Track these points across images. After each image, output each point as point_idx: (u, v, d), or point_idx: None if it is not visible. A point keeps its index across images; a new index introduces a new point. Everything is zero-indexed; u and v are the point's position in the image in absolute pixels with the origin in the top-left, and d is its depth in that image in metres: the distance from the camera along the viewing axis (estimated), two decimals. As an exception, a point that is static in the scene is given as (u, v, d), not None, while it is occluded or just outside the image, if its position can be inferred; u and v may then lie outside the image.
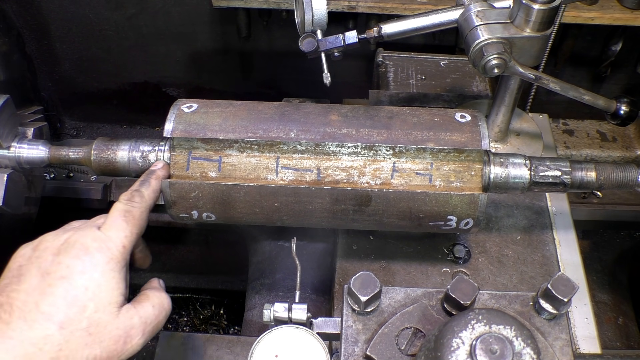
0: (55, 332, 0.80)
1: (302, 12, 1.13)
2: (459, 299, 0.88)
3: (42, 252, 0.88)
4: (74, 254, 0.86)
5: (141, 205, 0.96)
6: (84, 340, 0.82)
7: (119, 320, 0.86)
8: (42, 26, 2.11)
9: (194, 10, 2.05)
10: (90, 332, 0.83)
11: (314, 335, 0.94)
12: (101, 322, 0.84)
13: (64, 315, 0.82)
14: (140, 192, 0.98)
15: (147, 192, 1.00)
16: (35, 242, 0.91)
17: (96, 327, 0.83)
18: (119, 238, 0.90)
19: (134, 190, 0.99)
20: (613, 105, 1.31)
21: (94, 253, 0.87)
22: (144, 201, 0.98)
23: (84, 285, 0.84)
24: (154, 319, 0.92)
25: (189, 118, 1.08)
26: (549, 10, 1.11)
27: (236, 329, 2.48)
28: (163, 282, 1.03)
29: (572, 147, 2.16)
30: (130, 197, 0.97)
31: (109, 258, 0.88)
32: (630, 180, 1.12)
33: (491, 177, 1.06)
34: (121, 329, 0.85)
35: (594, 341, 1.22)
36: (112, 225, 0.91)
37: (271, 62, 2.25)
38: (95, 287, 0.85)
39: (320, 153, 1.06)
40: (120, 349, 0.85)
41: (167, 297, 0.98)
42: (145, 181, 1.02)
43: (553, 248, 1.30)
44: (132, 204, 0.96)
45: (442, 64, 1.77)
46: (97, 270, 0.86)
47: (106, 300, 0.85)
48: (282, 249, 1.87)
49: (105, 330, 0.84)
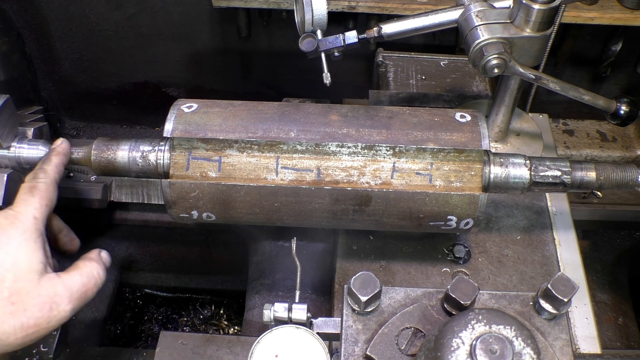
0: None
1: (302, 12, 1.14)
2: (459, 299, 0.88)
3: None
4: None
5: (45, 179, 0.99)
6: (8, 310, 0.84)
7: (40, 288, 0.87)
8: (42, 26, 2.11)
9: (194, 10, 2.05)
10: (12, 301, 0.85)
11: (314, 335, 0.94)
12: (22, 291, 0.86)
13: None
14: (42, 169, 1.01)
15: (49, 167, 1.02)
16: None
17: (18, 295, 0.85)
18: (28, 211, 0.92)
19: (37, 169, 1.02)
20: (613, 105, 1.31)
21: (6, 228, 0.89)
22: (47, 176, 1.00)
23: (1, 259, 0.86)
24: (81, 287, 0.93)
25: (189, 118, 1.08)
26: (549, 10, 1.11)
27: (236, 329, 2.48)
28: (106, 253, 1.03)
29: (572, 147, 2.16)
30: (34, 176, 1.00)
31: (22, 230, 0.90)
32: (630, 180, 1.12)
33: (491, 177, 1.06)
34: (44, 296, 0.87)
35: (594, 341, 1.22)
36: (19, 201, 0.94)
37: (271, 62, 2.25)
38: (12, 258, 0.87)
39: (320, 153, 1.06)
40: (46, 315, 0.87)
41: (99, 266, 0.98)
42: (46, 159, 1.05)
43: (553, 248, 1.30)
44: (35, 180, 0.99)
45: (442, 64, 1.77)
46: (11, 244, 0.88)
47: (25, 269, 0.87)
48: (282, 249, 1.87)
49: (27, 297, 0.86)
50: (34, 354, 1.44)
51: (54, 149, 1.08)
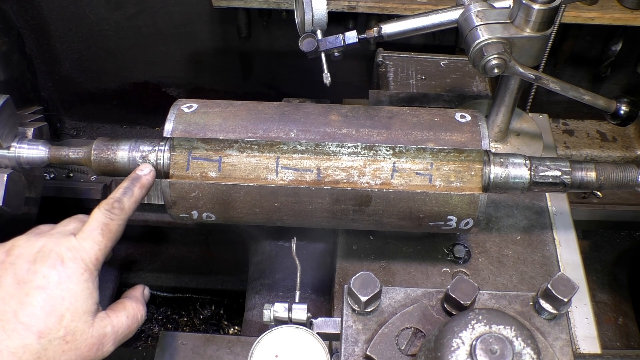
0: (33, 342, 0.84)
1: (302, 12, 1.14)
2: (459, 299, 0.88)
3: (16, 259, 0.90)
4: (49, 263, 0.88)
5: (120, 217, 0.97)
6: (61, 348, 0.86)
7: (93, 329, 0.89)
8: (42, 26, 2.11)
9: (194, 10, 2.05)
10: (67, 340, 0.86)
11: (314, 335, 0.94)
12: (77, 331, 0.87)
13: (42, 325, 0.85)
14: (121, 203, 0.98)
15: (129, 203, 0.99)
16: (7, 245, 0.93)
17: (72, 335, 0.87)
18: (93, 250, 0.92)
19: (116, 200, 0.97)
20: (613, 105, 1.31)
21: (68, 263, 0.89)
22: (123, 212, 0.97)
23: (61, 296, 0.87)
24: (125, 329, 0.95)
25: (189, 118, 1.08)
26: (549, 10, 1.11)
27: (236, 329, 2.48)
28: (148, 290, 1.04)
29: (572, 147, 2.16)
30: (110, 208, 0.96)
31: (83, 269, 0.90)
32: (630, 180, 1.12)
33: (491, 177, 1.06)
34: (95, 337, 0.89)
35: (594, 341, 1.22)
36: (88, 237, 0.93)
37: (271, 62, 2.25)
38: (72, 297, 0.88)
39: (320, 153, 1.06)
40: (93, 356, 0.89)
41: (143, 308, 1.00)
42: (129, 190, 1.00)
43: (553, 248, 1.30)
44: (111, 215, 0.96)
45: (442, 64, 1.77)
46: (72, 281, 0.88)
47: (82, 310, 0.88)
48: (282, 249, 1.87)
49: (81, 338, 0.88)
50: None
51: (139, 179, 1.02)
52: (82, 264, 0.90)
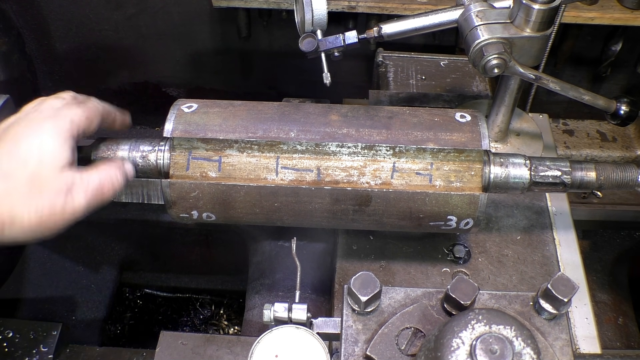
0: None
1: (302, 12, 1.14)
2: (459, 299, 0.88)
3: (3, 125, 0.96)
4: (23, 123, 0.93)
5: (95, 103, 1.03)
6: (24, 191, 0.88)
7: (59, 177, 0.91)
8: (42, 26, 2.11)
9: (194, 10, 2.05)
10: (30, 184, 0.88)
11: (314, 335, 0.94)
12: (43, 175, 0.89)
13: (6, 167, 0.88)
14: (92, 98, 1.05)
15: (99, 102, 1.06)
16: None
17: (37, 180, 0.89)
18: (68, 114, 0.96)
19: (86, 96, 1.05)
20: (613, 105, 1.31)
21: (42, 121, 0.93)
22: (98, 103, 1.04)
23: (28, 144, 0.90)
24: (97, 184, 0.96)
25: (189, 118, 1.08)
26: (549, 10, 1.11)
27: (236, 329, 2.48)
28: (132, 168, 1.05)
29: (572, 147, 2.16)
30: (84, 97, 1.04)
31: (56, 126, 0.93)
32: (630, 180, 1.12)
33: (491, 177, 1.06)
34: (62, 183, 0.91)
35: (594, 341, 1.22)
36: (65, 106, 0.98)
37: (271, 62, 2.25)
38: (39, 146, 0.90)
39: (320, 153, 1.06)
40: (61, 202, 0.90)
41: (119, 172, 1.01)
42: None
43: (553, 248, 1.30)
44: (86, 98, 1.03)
45: (442, 64, 1.77)
46: (43, 134, 0.91)
47: (49, 159, 0.91)
48: (282, 249, 1.87)
49: (45, 183, 0.89)
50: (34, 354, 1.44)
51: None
52: (55, 121, 0.93)
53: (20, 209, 0.87)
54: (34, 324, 1.50)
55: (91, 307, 2.09)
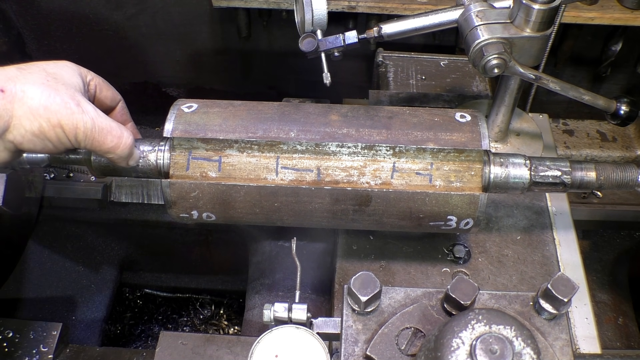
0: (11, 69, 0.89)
1: (302, 12, 1.14)
2: (459, 299, 0.88)
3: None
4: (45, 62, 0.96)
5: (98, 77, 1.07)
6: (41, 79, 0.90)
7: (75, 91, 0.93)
8: (42, 26, 2.11)
9: (194, 10, 2.05)
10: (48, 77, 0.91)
11: (314, 335, 0.94)
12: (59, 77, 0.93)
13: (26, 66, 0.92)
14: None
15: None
16: None
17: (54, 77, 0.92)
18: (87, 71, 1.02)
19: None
20: (613, 105, 1.31)
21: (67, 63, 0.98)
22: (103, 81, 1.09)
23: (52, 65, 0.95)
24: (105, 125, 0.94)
25: (189, 118, 1.08)
26: (549, 10, 1.11)
27: (236, 329, 2.48)
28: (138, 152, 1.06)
29: (572, 147, 2.16)
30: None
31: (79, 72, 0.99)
32: (630, 180, 1.12)
33: (491, 177, 1.06)
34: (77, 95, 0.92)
35: (594, 341, 1.22)
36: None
37: (271, 62, 2.25)
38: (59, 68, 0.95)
39: (320, 153, 1.06)
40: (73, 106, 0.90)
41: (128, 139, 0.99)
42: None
43: (553, 248, 1.30)
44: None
45: (442, 64, 1.77)
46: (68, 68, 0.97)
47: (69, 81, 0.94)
48: (282, 249, 1.87)
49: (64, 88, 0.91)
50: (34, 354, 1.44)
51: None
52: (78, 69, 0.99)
53: (34, 89, 0.87)
54: (34, 324, 1.50)
55: (91, 307, 2.09)
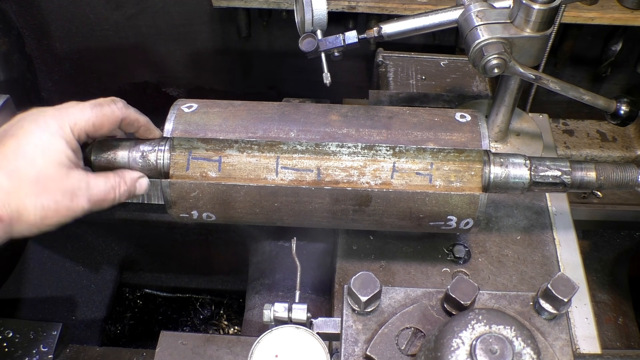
0: (4, 180, 0.87)
1: (302, 12, 1.14)
2: (459, 299, 0.88)
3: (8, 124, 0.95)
4: (30, 119, 0.93)
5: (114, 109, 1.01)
6: (33, 189, 0.88)
7: (67, 179, 0.92)
8: (42, 26, 2.11)
9: (194, 10, 2.05)
10: (39, 182, 0.89)
11: (314, 335, 0.94)
12: (50, 176, 0.90)
13: (13, 165, 0.88)
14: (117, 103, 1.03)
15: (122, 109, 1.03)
16: None
17: (45, 179, 0.89)
18: (76, 116, 0.95)
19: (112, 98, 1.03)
20: (613, 105, 1.31)
21: (47, 119, 0.93)
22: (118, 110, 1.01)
23: (34, 142, 0.90)
24: (102, 193, 0.97)
25: (189, 118, 1.08)
26: (549, 10, 1.11)
27: (236, 329, 2.48)
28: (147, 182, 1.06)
29: (572, 147, 2.16)
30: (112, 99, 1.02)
31: (60, 126, 0.93)
32: (630, 180, 1.12)
33: (491, 177, 1.06)
34: (69, 186, 0.92)
35: (594, 341, 1.22)
36: (77, 106, 0.98)
37: (271, 62, 2.25)
38: (44, 145, 0.90)
39: (320, 153, 1.06)
40: (67, 204, 0.92)
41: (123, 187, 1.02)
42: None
43: (553, 248, 1.30)
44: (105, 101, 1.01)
45: (442, 64, 1.77)
46: (47, 132, 0.91)
47: (55, 159, 0.91)
48: (282, 249, 1.87)
49: (54, 183, 0.90)
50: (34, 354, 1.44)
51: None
52: (60, 120, 0.93)
53: (27, 206, 0.88)
54: (34, 324, 1.50)
55: (91, 307, 2.09)
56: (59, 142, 0.92)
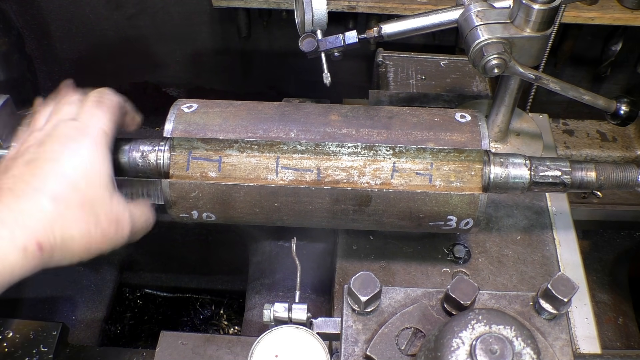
0: (47, 204, 0.80)
1: (302, 12, 1.13)
2: (459, 299, 0.88)
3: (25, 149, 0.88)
4: (58, 141, 0.86)
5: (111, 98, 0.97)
6: (80, 216, 0.82)
7: (112, 205, 0.87)
8: (42, 26, 2.11)
9: (194, 10, 2.05)
10: (85, 208, 0.83)
11: (314, 335, 0.94)
12: (96, 200, 0.85)
13: (57, 189, 0.81)
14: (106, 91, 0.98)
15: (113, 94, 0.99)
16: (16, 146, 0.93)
17: (91, 204, 0.84)
18: (98, 125, 0.91)
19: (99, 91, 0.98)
20: (613, 105, 1.31)
21: (77, 138, 0.87)
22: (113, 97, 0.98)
23: (73, 165, 0.84)
24: (139, 221, 0.95)
25: (189, 118, 1.08)
26: (549, 10, 1.11)
27: (236, 329, 2.48)
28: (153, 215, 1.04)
29: (572, 147, 2.16)
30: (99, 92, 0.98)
31: (93, 141, 0.88)
32: (630, 180, 1.12)
33: (491, 177, 1.06)
34: (114, 213, 0.87)
35: (594, 341, 1.22)
36: (89, 115, 0.92)
37: (271, 62, 2.25)
38: (85, 166, 0.85)
39: (320, 153, 1.06)
40: (112, 233, 0.87)
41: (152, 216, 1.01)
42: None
43: (553, 248, 1.30)
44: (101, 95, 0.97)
45: (442, 64, 1.77)
46: (83, 152, 0.86)
47: (97, 181, 0.86)
48: (282, 249, 1.87)
49: (100, 209, 0.85)
50: (34, 354, 1.44)
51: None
52: (90, 137, 0.88)
53: (73, 234, 0.82)
54: (34, 324, 1.50)
55: (91, 307, 2.09)
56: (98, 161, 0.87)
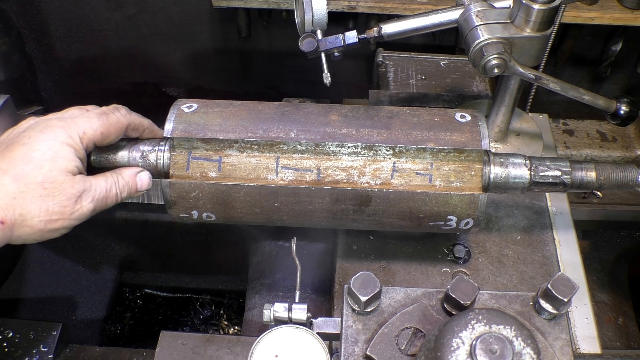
0: (9, 183, 0.89)
1: (302, 12, 1.14)
2: (459, 299, 0.88)
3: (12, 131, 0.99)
4: (38, 129, 0.95)
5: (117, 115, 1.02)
6: (38, 192, 0.90)
7: (73, 182, 0.93)
8: (42, 26, 2.11)
9: (194, 10, 2.05)
10: (44, 186, 0.90)
11: (314, 335, 0.94)
12: (56, 180, 0.92)
13: (20, 170, 0.90)
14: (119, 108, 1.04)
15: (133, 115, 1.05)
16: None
17: (51, 183, 0.91)
18: (84, 126, 0.97)
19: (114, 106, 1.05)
20: (613, 105, 1.31)
21: (55, 129, 0.95)
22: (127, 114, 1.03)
23: (42, 149, 0.92)
24: (103, 191, 0.99)
25: (189, 118, 1.08)
26: (549, 10, 1.11)
27: (236, 329, 2.48)
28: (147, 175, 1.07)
29: (572, 147, 2.16)
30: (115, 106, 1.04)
31: (69, 135, 0.95)
32: (630, 180, 1.12)
33: (491, 177, 1.06)
34: (74, 189, 0.93)
35: (594, 341, 1.22)
36: (83, 116, 0.99)
37: (271, 62, 2.25)
38: (53, 152, 0.92)
39: (320, 153, 1.06)
40: (72, 207, 0.93)
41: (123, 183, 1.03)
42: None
43: (553, 248, 1.30)
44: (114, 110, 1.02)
45: (442, 64, 1.77)
46: (56, 141, 0.93)
47: (62, 165, 0.93)
48: (282, 249, 1.87)
49: (60, 187, 0.92)
50: (34, 354, 1.44)
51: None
52: (68, 130, 0.95)
53: (32, 210, 0.90)
54: (34, 324, 1.50)
55: (91, 307, 2.09)
56: (67, 151, 0.94)
